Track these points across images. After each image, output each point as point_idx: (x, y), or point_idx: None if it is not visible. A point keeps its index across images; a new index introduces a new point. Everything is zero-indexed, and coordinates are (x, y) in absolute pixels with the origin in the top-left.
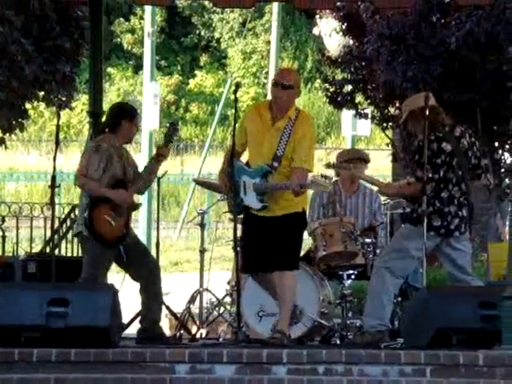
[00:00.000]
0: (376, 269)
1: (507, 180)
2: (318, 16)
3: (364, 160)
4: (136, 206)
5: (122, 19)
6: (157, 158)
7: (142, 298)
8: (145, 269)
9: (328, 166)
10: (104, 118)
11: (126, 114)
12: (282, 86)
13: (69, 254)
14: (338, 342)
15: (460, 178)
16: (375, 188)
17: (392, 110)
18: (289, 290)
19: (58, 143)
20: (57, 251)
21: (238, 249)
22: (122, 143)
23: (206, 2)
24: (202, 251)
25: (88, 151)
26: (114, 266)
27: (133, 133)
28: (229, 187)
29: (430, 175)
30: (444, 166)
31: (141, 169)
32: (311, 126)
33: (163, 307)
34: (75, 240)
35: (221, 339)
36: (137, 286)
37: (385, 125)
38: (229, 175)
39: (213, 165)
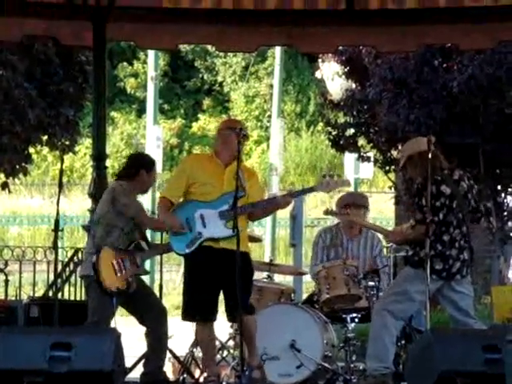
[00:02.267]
0: (377, 311)
1: (510, 223)
2: (320, 60)
3: (361, 206)
4: (144, 272)
5: (125, 63)
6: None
7: (147, 341)
8: (151, 313)
9: (326, 212)
10: (122, 167)
11: (146, 165)
12: (238, 133)
13: (72, 298)
14: None
15: (460, 220)
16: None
17: (394, 153)
18: (255, 330)
19: (61, 187)
20: (60, 295)
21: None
22: (137, 192)
23: (209, 47)
24: None
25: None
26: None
27: (149, 184)
28: (181, 223)
29: (430, 218)
30: (444, 209)
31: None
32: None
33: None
34: (78, 284)
35: (224, 383)
36: (141, 328)
37: (387, 168)
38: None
39: None
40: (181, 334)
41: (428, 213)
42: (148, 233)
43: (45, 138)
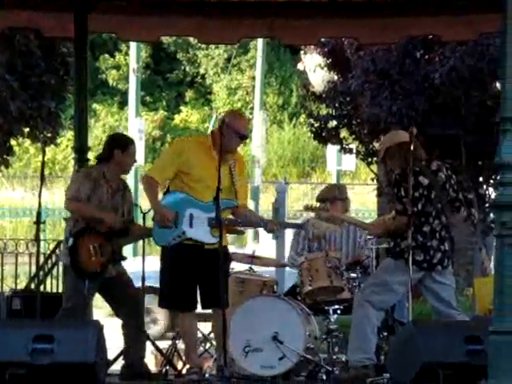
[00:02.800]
0: (357, 302)
1: (492, 215)
2: (302, 52)
3: (340, 199)
4: (121, 258)
5: (107, 55)
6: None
7: (124, 334)
8: (126, 304)
9: (306, 208)
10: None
11: (118, 144)
12: (244, 138)
13: (54, 290)
14: (324, 377)
15: (439, 211)
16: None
17: (377, 144)
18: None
19: (43, 179)
20: (42, 287)
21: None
22: (116, 174)
23: (191, 39)
24: None
25: (79, 177)
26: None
27: (127, 163)
28: (173, 219)
29: (409, 208)
30: (422, 200)
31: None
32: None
33: (148, 343)
34: (60, 276)
35: (207, 375)
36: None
37: (370, 160)
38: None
39: None
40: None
41: (408, 204)
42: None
43: (26, 130)
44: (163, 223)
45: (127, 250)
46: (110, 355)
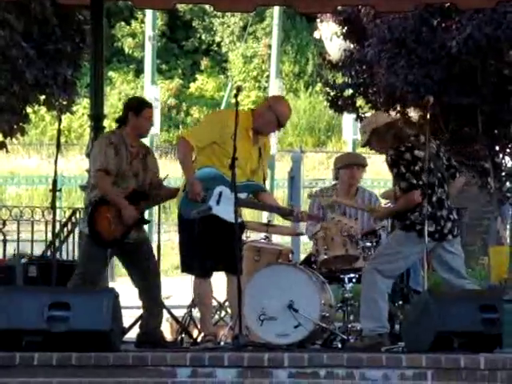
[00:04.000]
0: (366, 272)
1: (508, 183)
2: (318, 20)
3: (361, 165)
4: (144, 221)
5: (123, 23)
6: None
7: (142, 302)
8: (143, 274)
9: (310, 195)
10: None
11: (132, 107)
12: (281, 126)
13: (70, 258)
14: (340, 345)
15: (441, 180)
16: (375, 191)
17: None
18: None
19: (59, 147)
20: (58, 255)
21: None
22: (133, 138)
23: (207, 6)
24: None
25: (102, 145)
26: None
27: (142, 126)
28: (204, 197)
29: (415, 182)
30: (424, 172)
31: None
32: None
33: (164, 311)
34: (76, 244)
35: (222, 343)
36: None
37: None
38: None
39: None
40: (179, 295)
41: (412, 178)
42: None
43: (42, 97)
44: (193, 198)
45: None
46: (126, 323)
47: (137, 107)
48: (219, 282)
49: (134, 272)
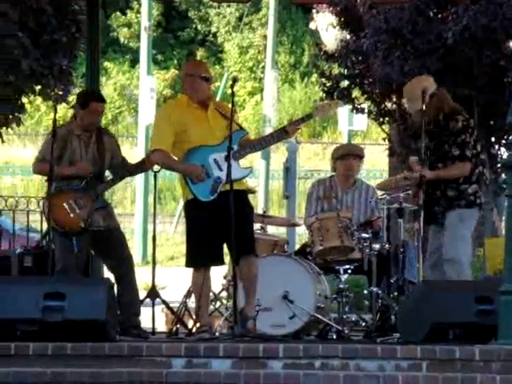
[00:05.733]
0: (448, 264)
1: (503, 175)
2: (314, 10)
3: (358, 156)
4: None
5: (118, 13)
6: (141, 166)
7: (117, 290)
8: (115, 260)
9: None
10: None
11: (78, 100)
12: (205, 79)
13: None
14: (335, 336)
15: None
16: (371, 181)
17: (389, 104)
18: (256, 279)
19: (54, 137)
20: (53, 245)
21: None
22: (80, 130)
23: None
24: None
25: (46, 139)
26: None
27: (87, 120)
28: (205, 170)
29: (470, 154)
30: (471, 143)
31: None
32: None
33: (159, 301)
34: None
35: (217, 333)
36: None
37: (381, 119)
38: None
39: None
40: (174, 285)
41: (467, 148)
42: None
43: (38, 87)
44: (198, 176)
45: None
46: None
47: (83, 101)
48: (213, 272)
49: (109, 260)
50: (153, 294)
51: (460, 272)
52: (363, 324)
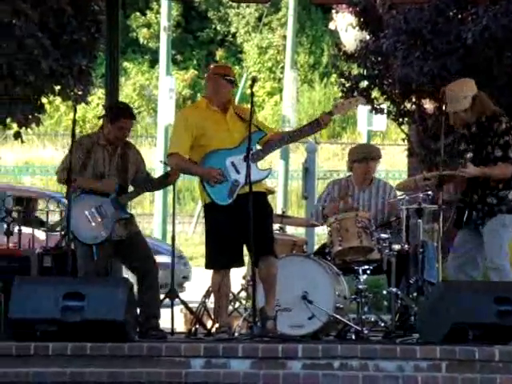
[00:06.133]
0: (493, 270)
1: None
2: (334, 11)
3: (376, 158)
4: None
5: (138, 13)
6: (164, 181)
7: (138, 291)
8: (138, 262)
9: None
10: None
11: (108, 113)
12: (229, 80)
13: None
14: (354, 337)
15: None
16: (391, 184)
17: (408, 105)
18: (275, 279)
19: (74, 137)
20: (72, 245)
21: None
22: (106, 141)
23: None
24: None
25: (70, 148)
26: None
27: (113, 134)
28: (222, 172)
29: None
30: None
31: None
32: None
33: (178, 301)
34: None
35: (236, 334)
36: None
37: (401, 120)
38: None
39: None
40: (193, 285)
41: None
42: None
43: (57, 87)
44: (215, 178)
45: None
46: None
47: (113, 116)
48: (232, 273)
49: (132, 262)
50: (172, 294)
51: (506, 279)
52: (382, 324)
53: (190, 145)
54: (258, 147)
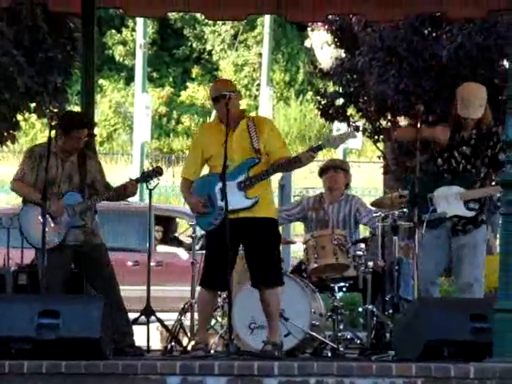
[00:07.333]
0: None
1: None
2: (309, 28)
3: (340, 168)
4: (79, 223)
5: (113, 31)
6: (123, 191)
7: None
8: (99, 279)
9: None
10: None
11: (61, 124)
12: (223, 98)
13: None
14: (330, 354)
15: None
16: (367, 201)
17: (384, 122)
18: (278, 306)
19: (49, 155)
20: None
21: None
22: (60, 151)
23: (198, 15)
24: (194, 263)
25: (23, 157)
26: None
27: (68, 145)
28: (203, 203)
29: None
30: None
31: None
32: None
33: (154, 319)
34: None
35: (212, 351)
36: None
37: (376, 137)
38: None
39: None
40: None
41: None
42: None
43: (33, 105)
44: (199, 209)
45: None
46: None
47: (65, 127)
48: None
49: (90, 276)
50: (147, 311)
51: (478, 294)
52: (358, 342)
53: (196, 166)
54: (247, 175)
